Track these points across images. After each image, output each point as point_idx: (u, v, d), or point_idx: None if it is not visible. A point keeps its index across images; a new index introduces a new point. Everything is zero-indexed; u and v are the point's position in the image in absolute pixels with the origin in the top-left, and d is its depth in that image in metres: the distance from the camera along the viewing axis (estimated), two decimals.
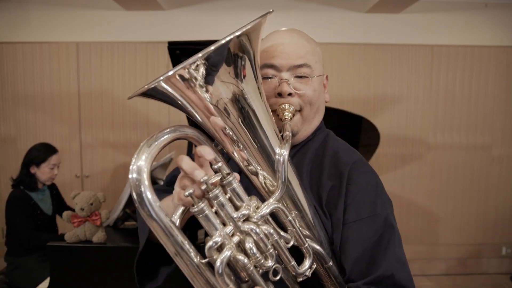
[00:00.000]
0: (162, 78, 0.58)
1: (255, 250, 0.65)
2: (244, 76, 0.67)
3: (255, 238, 0.66)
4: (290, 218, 0.72)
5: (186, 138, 0.68)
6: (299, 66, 0.88)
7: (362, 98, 3.62)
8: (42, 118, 3.57)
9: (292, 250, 0.73)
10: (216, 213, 0.65)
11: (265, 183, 0.74)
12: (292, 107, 0.86)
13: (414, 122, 3.67)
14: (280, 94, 0.86)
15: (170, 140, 0.63)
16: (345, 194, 0.83)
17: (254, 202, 0.68)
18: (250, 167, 0.73)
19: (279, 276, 0.70)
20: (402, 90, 3.65)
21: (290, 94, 0.87)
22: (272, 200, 0.69)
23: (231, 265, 0.66)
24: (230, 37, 0.59)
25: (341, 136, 0.99)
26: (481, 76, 3.65)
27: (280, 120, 0.85)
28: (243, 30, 0.61)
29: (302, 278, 0.76)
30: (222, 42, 0.58)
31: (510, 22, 3.61)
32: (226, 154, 0.74)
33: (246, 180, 0.76)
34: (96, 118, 3.58)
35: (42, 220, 2.57)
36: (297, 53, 0.88)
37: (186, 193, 0.61)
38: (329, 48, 3.56)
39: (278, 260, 0.71)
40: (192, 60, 0.57)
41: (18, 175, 2.59)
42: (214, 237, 0.63)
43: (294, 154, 0.93)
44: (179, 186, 0.68)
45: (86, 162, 3.62)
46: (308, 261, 0.75)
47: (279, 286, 0.75)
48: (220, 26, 3.51)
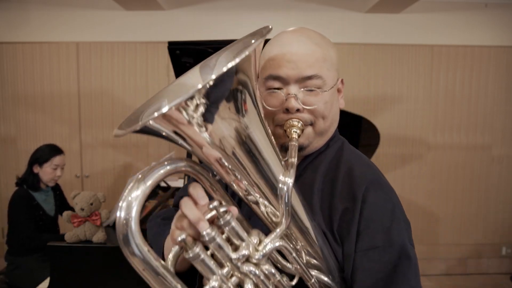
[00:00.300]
0: (148, 120, 0.51)
1: None
2: (243, 108, 0.60)
3: (255, 280, 0.61)
4: (295, 255, 0.66)
5: (181, 172, 0.62)
6: (309, 78, 0.77)
7: (362, 98, 3.62)
8: (42, 118, 3.57)
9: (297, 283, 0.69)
10: (212, 255, 0.60)
11: (267, 213, 0.68)
12: (300, 123, 0.77)
13: (414, 122, 3.67)
14: (288, 110, 0.78)
15: (162, 177, 0.58)
16: (358, 220, 0.76)
17: (255, 238, 0.63)
18: (249, 197, 0.66)
19: None
20: (402, 90, 3.65)
21: (298, 110, 0.77)
22: (274, 235, 0.63)
23: None
24: (215, 76, 0.51)
25: (341, 136, 0.96)
26: (481, 76, 3.65)
27: (286, 136, 0.77)
28: (231, 65, 0.52)
29: None
30: (213, 77, 0.51)
31: (510, 22, 3.61)
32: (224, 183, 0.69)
33: (247, 207, 0.70)
34: (96, 118, 3.58)
35: (44, 220, 2.57)
36: (306, 61, 0.77)
37: (179, 238, 0.56)
38: None
39: None
40: (180, 99, 0.50)
41: (23, 174, 2.60)
42: (211, 281, 0.59)
43: (305, 167, 0.85)
44: (176, 225, 0.63)
45: (86, 162, 3.62)
46: None
47: None
48: (220, 26, 3.51)
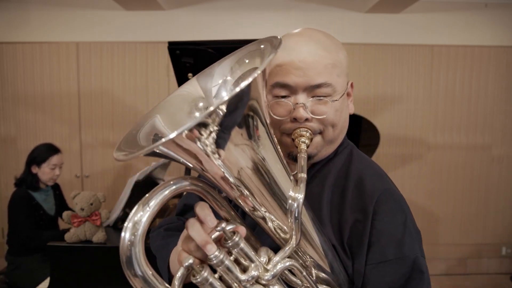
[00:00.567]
0: (154, 146, 0.49)
1: None
2: (255, 132, 0.57)
3: None
4: (305, 273, 0.64)
5: (187, 191, 0.61)
6: (318, 86, 0.74)
7: (362, 98, 3.62)
8: (42, 118, 3.57)
9: None
10: (220, 277, 0.59)
11: (274, 228, 0.66)
12: (309, 132, 0.75)
13: (414, 122, 3.67)
14: (296, 119, 0.75)
15: (168, 198, 0.56)
16: (369, 232, 0.74)
17: (264, 256, 0.61)
18: (256, 212, 0.64)
19: None
20: (402, 90, 3.65)
21: (307, 119, 0.75)
22: (283, 254, 0.61)
23: None
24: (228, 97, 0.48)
25: None
26: (481, 76, 3.65)
27: (295, 146, 0.75)
28: (240, 88, 0.48)
29: None
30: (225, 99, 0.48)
31: (510, 22, 3.61)
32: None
33: (251, 218, 0.68)
34: (96, 118, 3.58)
35: (44, 220, 2.57)
36: (315, 68, 0.73)
37: (186, 264, 0.56)
38: None
39: None
40: (188, 126, 0.47)
41: (21, 174, 2.60)
42: None
43: (313, 175, 0.82)
44: (182, 247, 0.62)
45: (86, 162, 3.62)
46: None
47: None
48: (220, 26, 3.51)
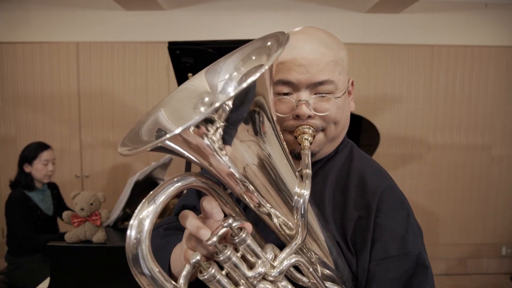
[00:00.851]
0: (159, 141, 0.48)
1: None
2: (261, 128, 0.57)
3: None
4: (312, 270, 0.64)
5: (192, 188, 0.61)
6: (320, 83, 0.74)
7: (362, 98, 3.62)
8: (42, 118, 3.57)
9: None
10: (227, 273, 0.59)
11: (280, 225, 0.66)
12: (311, 129, 0.75)
13: (414, 122, 3.67)
14: (298, 116, 0.75)
15: (173, 194, 0.56)
16: (373, 229, 0.74)
17: (270, 253, 0.61)
18: (262, 209, 0.64)
19: None
20: (402, 90, 3.65)
21: (310, 116, 0.75)
22: (290, 250, 0.61)
23: None
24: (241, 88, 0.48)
25: None
26: (481, 76, 3.65)
27: (298, 144, 0.75)
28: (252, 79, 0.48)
29: None
30: (231, 95, 0.48)
31: (510, 22, 3.61)
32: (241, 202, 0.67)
33: (253, 214, 0.68)
34: (96, 118, 3.58)
35: (42, 220, 2.57)
36: (317, 65, 0.74)
37: (193, 260, 0.55)
38: None
39: None
40: (194, 121, 0.48)
41: (15, 176, 2.60)
42: None
43: (314, 173, 0.82)
44: (187, 245, 0.62)
45: (86, 162, 3.62)
46: None
47: None
48: (220, 26, 3.51)
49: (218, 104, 0.47)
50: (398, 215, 0.76)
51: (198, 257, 0.55)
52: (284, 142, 0.64)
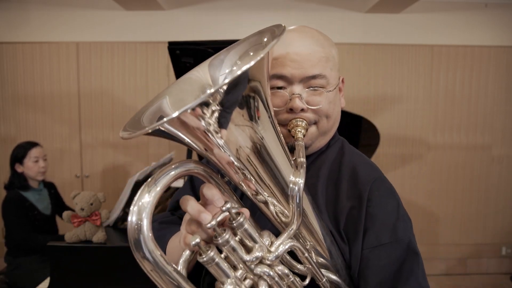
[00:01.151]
0: (159, 123, 0.50)
1: None
2: (255, 112, 0.59)
3: (269, 282, 0.61)
4: (307, 255, 0.66)
5: (191, 174, 0.62)
6: (313, 77, 0.78)
7: (362, 98, 3.62)
8: (42, 118, 3.57)
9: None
10: (225, 257, 0.60)
11: (276, 213, 0.68)
12: (304, 122, 0.78)
13: (414, 122, 3.67)
14: (292, 110, 0.78)
15: (173, 179, 0.57)
16: (364, 218, 0.77)
17: (267, 239, 0.63)
18: (259, 197, 0.66)
19: None
20: (402, 90, 3.65)
21: (302, 110, 0.78)
22: (286, 236, 0.63)
23: None
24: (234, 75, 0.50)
25: (341, 136, 0.96)
26: (481, 76, 3.65)
27: (291, 136, 0.78)
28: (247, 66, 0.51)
29: None
30: (226, 82, 0.50)
31: (510, 22, 3.61)
32: (233, 184, 0.69)
33: (255, 207, 0.70)
34: (96, 118, 3.58)
35: (40, 220, 2.56)
36: (310, 61, 0.78)
37: (193, 242, 0.56)
38: None
39: None
40: (193, 104, 0.49)
41: (9, 177, 2.59)
42: (226, 285, 0.59)
43: (307, 167, 0.83)
44: (186, 230, 0.63)
45: (86, 162, 3.62)
46: None
47: None
48: (220, 26, 3.51)
49: (213, 90, 0.49)
50: (389, 205, 0.79)
51: (198, 239, 0.56)
52: (279, 131, 0.67)
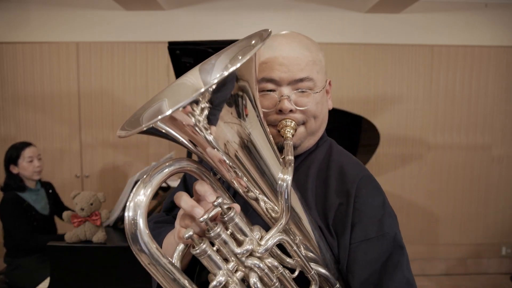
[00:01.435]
0: (153, 121, 0.53)
1: (260, 285, 0.64)
2: (244, 111, 0.62)
3: (260, 273, 0.64)
4: (296, 248, 0.69)
5: (184, 172, 0.65)
6: (301, 80, 0.82)
7: (362, 98, 3.62)
8: (42, 118, 3.57)
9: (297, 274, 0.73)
10: (217, 250, 0.63)
11: (266, 209, 0.71)
12: (293, 123, 0.82)
13: (414, 122, 3.67)
14: (281, 111, 0.82)
15: (167, 176, 0.60)
16: (352, 213, 0.80)
17: (257, 233, 0.66)
18: (249, 193, 0.69)
19: None
20: (402, 90, 3.65)
21: (291, 111, 0.82)
22: (276, 230, 0.66)
23: None
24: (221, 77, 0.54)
25: (341, 136, 0.97)
26: (481, 76, 3.65)
27: (281, 136, 0.81)
28: (232, 69, 0.54)
29: None
30: (215, 82, 0.54)
31: (510, 22, 3.61)
32: (226, 182, 0.72)
33: (247, 205, 0.73)
34: (96, 118, 3.58)
35: (38, 220, 2.55)
36: (298, 64, 0.82)
37: (186, 235, 0.59)
38: (329, 48, 3.56)
39: None
40: (187, 102, 0.52)
41: (4, 179, 2.58)
42: (218, 276, 0.61)
43: (297, 167, 0.89)
44: (180, 225, 0.66)
45: (86, 162, 3.62)
46: None
47: None
48: (220, 26, 3.51)
49: (203, 89, 0.52)
50: (375, 201, 0.83)
51: (191, 232, 0.59)
52: (268, 130, 0.70)
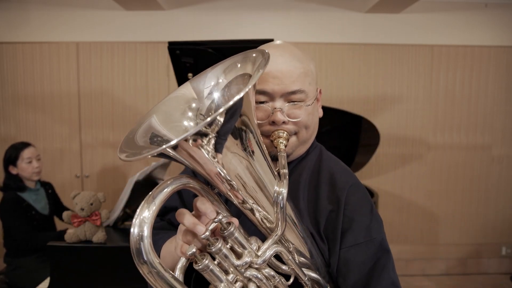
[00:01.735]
0: (155, 151, 0.56)
1: None
2: (244, 141, 0.66)
3: (258, 283, 0.69)
4: (291, 257, 0.73)
5: (185, 188, 0.68)
6: (293, 93, 0.84)
7: (362, 98, 3.62)
8: (42, 118, 3.57)
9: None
10: (218, 263, 0.67)
11: (261, 219, 0.74)
12: (286, 133, 0.84)
13: (414, 122, 3.67)
14: (274, 122, 0.84)
15: (169, 195, 0.64)
16: (342, 220, 0.85)
17: (254, 244, 0.70)
18: (245, 205, 0.72)
19: None
20: (402, 90, 3.65)
21: (284, 122, 0.84)
22: (272, 241, 0.70)
23: None
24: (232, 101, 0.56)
25: (341, 136, 0.99)
26: (481, 76, 3.65)
27: (274, 146, 0.84)
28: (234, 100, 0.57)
29: None
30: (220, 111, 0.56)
31: (510, 22, 3.61)
32: (223, 196, 0.74)
33: (243, 216, 0.76)
34: (96, 118, 3.58)
35: (38, 220, 2.55)
36: (290, 77, 0.84)
37: (189, 252, 0.63)
38: (329, 48, 3.56)
39: None
40: (187, 134, 0.55)
41: (3, 180, 2.58)
42: None
43: (288, 173, 0.92)
44: (182, 240, 0.69)
45: (86, 162, 3.62)
46: None
47: None
48: (220, 26, 3.51)
49: (209, 119, 0.55)
50: (364, 208, 0.87)
51: (194, 249, 0.63)
52: (265, 148, 0.72)
